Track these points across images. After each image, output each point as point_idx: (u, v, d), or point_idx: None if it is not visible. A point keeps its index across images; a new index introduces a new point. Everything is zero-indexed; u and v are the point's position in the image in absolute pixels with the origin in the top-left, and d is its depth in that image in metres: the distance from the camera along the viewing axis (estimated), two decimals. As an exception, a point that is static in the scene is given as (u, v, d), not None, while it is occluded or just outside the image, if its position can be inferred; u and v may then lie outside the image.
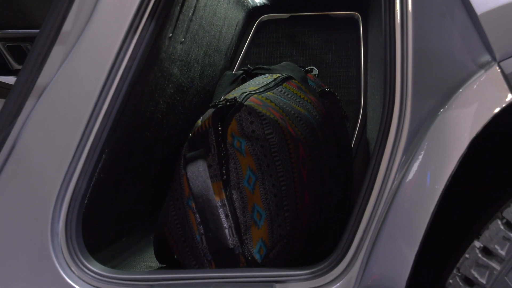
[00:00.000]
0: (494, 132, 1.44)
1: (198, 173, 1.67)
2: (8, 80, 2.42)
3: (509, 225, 1.36)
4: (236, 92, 1.90)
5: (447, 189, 1.38)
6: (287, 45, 2.82)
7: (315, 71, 2.39)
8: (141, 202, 2.07)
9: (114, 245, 1.93)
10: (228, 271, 1.54)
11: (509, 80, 1.38)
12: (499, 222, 1.37)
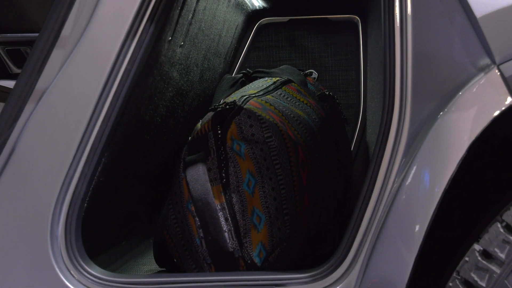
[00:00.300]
0: (494, 135, 1.44)
1: (198, 176, 1.67)
2: (7, 84, 2.42)
3: (508, 228, 1.36)
4: (235, 95, 1.90)
5: (447, 192, 1.38)
6: (287, 48, 2.83)
7: (315, 75, 2.40)
8: (140, 205, 2.07)
9: (114, 248, 1.93)
10: (227, 275, 1.55)
11: (508, 83, 1.37)
12: (499, 225, 1.37)
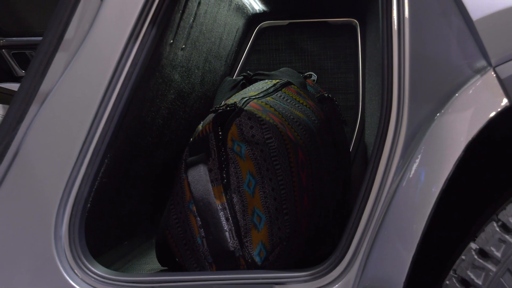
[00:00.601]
0: (490, 136, 1.45)
1: (199, 177, 1.67)
2: (12, 86, 2.42)
3: (504, 227, 1.37)
4: (236, 97, 1.90)
5: (445, 192, 1.38)
6: (287, 51, 2.82)
7: (314, 77, 2.40)
8: (143, 206, 2.07)
9: (117, 248, 1.93)
10: (228, 273, 1.54)
11: (504, 85, 1.38)
12: (495, 224, 1.37)
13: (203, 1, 1.96)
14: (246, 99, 1.78)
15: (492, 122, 1.37)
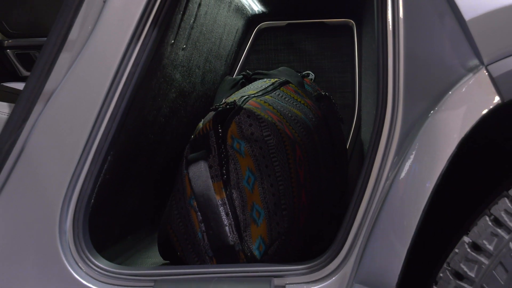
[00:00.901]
0: (483, 134, 1.45)
1: (200, 173, 1.67)
2: (17, 85, 2.42)
3: (496, 221, 1.36)
4: (235, 96, 1.90)
5: (440, 188, 1.38)
6: (285, 51, 2.82)
7: (312, 76, 2.39)
8: (145, 201, 2.07)
9: (120, 243, 1.93)
10: (228, 267, 1.54)
11: (496, 83, 1.38)
12: (487, 218, 1.37)
13: (204, 2, 1.96)
14: (245, 98, 1.78)
15: (485, 121, 1.37)
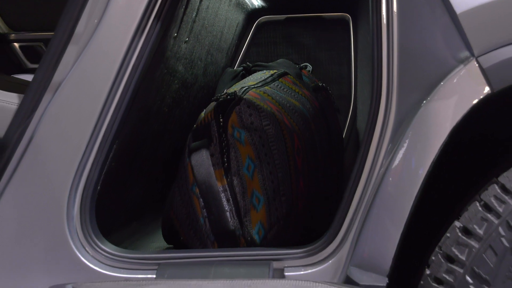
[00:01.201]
0: (474, 125, 1.45)
1: (202, 161, 1.67)
2: (26, 77, 2.42)
3: (486, 207, 1.37)
4: (236, 87, 1.90)
5: (433, 175, 1.38)
6: (284, 44, 2.82)
7: (309, 68, 2.39)
8: (149, 188, 2.07)
9: (126, 228, 1.93)
10: (229, 251, 1.55)
11: (486, 73, 1.38)
12: (478, 204, 1.38)
13: (205, -3, 1.95)
14: (245, 89, 1.77)
15: (476, 111, 1.37)
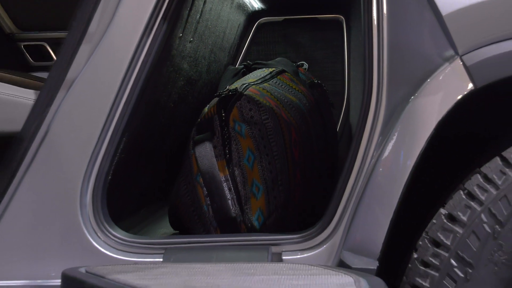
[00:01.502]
0: (458, 123, 1.46)
1: (205, 153, 1.68)
2: (42, 75, 2.41)
3: (470, 195, 1.37)
4: (237, 83, 1.90)
5: (421, 166, 1.39)
6: (282, 43, 2.82)
7: (306, 66, 2.39)
8: (157, 178, 2.07)
9: (135, 215, 1.93)
10: (231, 236, 1.55)
11: (470, 71, 1.38)
12: (461, 192, 1.38)
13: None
14: (246, 85, 1.78)
15: (459, 107, 1.38)
